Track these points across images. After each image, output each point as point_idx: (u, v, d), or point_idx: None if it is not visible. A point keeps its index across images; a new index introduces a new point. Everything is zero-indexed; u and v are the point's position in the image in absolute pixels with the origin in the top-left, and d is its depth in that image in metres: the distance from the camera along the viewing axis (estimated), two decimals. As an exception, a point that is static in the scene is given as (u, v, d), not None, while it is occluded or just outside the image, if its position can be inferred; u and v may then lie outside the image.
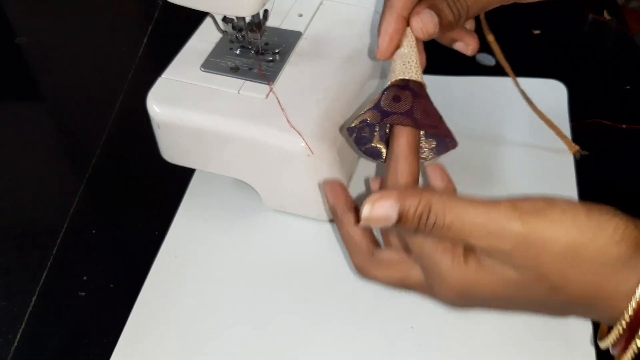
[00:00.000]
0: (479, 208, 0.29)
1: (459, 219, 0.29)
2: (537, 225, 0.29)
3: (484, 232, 0.29)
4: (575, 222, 0.28)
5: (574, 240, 0.28)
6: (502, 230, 0.29)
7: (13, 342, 0.46)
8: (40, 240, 0.53)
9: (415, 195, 0.30)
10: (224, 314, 0.47)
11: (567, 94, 0.61)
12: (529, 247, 0.29)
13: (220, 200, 0.54)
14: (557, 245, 0.28)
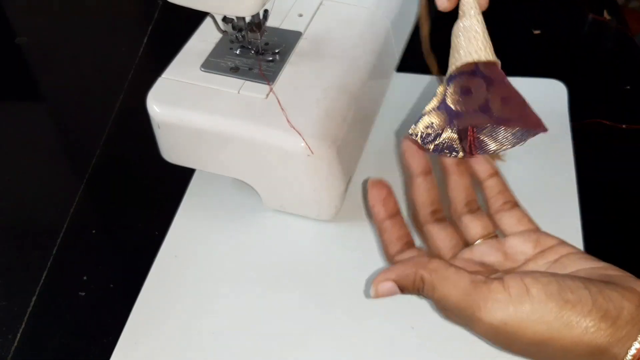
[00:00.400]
0: (460, 288, 0.31)
1: (445, 296, 0.32)
2: (506, 318, 0.30)
3: (466, 311, 0.31)
4: (544, 318, 0.29)
5: (542, 335, 0.30)
6: (477, 314, 0.31)
7: (13, 342, 0.46)
8: (41, 240, 0.53)
9: (409, 274, 0.33)
10: (223, 313, 0.47)
11: (567, 93, 0.61)
12: (499, 335, 0.31)
13: (220, 200, 0.54)
14: (524, 338, 0.30)
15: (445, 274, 0.32)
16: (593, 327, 0.29)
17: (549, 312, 0.29)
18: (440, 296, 0.32)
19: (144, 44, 0.72)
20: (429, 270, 0.32)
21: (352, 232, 0.51)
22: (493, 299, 0.30)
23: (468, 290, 0.31)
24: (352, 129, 0.51)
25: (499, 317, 0.30)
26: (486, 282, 0.31)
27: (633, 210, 0.53)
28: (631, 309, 0.29)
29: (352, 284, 0.48)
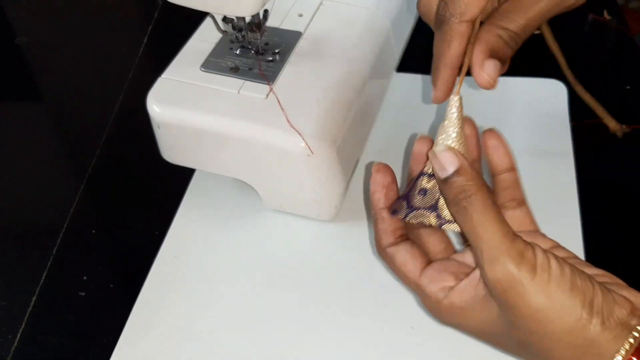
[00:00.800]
0: (500, 230, 0.31)
1: (482, 225, 0.31)
2: (523, 279, 0.30)
3: (487, 250, 0.31)
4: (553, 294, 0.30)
5: (544, 310, 0.30)
6: (497, 260, 0.31)
7: (13, 342, 0.46)
8: (41, 240, 0.53)
9: (474, 175, 0.33)
10: (223, 313, 0.47)
11: (568, 93, 0.62)
12: (507, 291, 0.31)
13: (220, 200, 0.54)
14: (528, 306, 0.30)
15: (493, 209, 0.31)
16: (586, 319, 0.29)
17: (558, 289, 0.30)
18: (477, 222, 0.31)
19: (144, 44, 0.72)
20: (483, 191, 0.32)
21: (352, 232, 0.51)
22: (522, 255, 0.30)
23: (506, 235, 0.31)
24: (352, 129, 0.51)
25: (520, 273, 0.30)
26: (519, 240, 0.31)
27: (633, 210, 0.53)
28: (622, 314, 0.30)
29: (352, 284, 0.48)
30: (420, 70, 0.64)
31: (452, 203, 0.33)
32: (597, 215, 0.52)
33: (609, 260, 0.49)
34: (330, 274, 0.49)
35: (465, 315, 0.34)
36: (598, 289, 0.30)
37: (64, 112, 0.66)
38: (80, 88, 0.68)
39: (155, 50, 0.71)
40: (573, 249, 0.48)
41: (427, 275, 0.36)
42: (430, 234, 0.38)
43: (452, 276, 0.35)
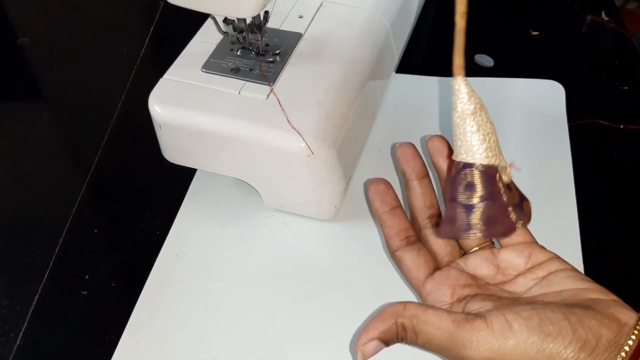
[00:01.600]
0: (443, 329, 0.32)
1: (429, 340, 0.33)
2: (494, 353, 0.31)
3: (448, 353, 0.32)
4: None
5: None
6: (464, 358, 0.32)
7: (15, 341, 0.47)
8: (43, 240, 0.53)
9: (390, 328, 0.33)
10: (224, 312, 0.47)
11: (565, 94, 0.62)
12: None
13: (221, 200, 0.55)
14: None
15: (425, 318, 0.32)
16: (573, 358, 0.30)
17: (532, 346, 0.30)
18: (424, 341, 0.32)
19: (145, 45, 0.72)
20: (408, 318, 0.33)
21: (352, 232, 0.52)
22: (477, 336, 0.31)
23: (451, 330, 0.32)
24: (352, 130, 0.51)
25: (484, 354, 0.31)
26: (468, 320, 0.32)
27: (631, 211, 0.53)
28: (609, 336, 0.30)
29: (352, 284, 0.48)
30: (420, 71, 0.64)
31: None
32: (595, 215, 0.52)
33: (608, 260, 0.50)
34: (330, 274, 0.49)
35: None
36: (577, 323, 0.30)
37: (66, 113, 0.66)
38: (82, 89, 0.68)
39: (156, 51, 0.71)
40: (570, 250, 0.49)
41: (427, 288, 0.37)
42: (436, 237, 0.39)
43: (449, 290, 0.36)
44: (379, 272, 0.49)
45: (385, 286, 0.48)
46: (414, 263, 0.37)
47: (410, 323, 0.32)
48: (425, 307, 0.33)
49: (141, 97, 0.51)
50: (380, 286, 0.48)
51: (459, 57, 0.30)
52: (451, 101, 0.32)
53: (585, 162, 0.56)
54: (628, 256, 0.50)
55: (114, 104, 0.65)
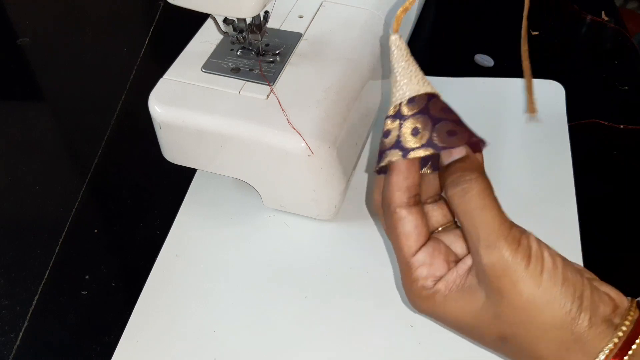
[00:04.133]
0: (498, 215, 0.31)
1: (481, 208, 0.31)
2: (517, 267, 0.30)
3: (486, 234, 0.30)
4: (545, 284, 0.30)
5: (535, 300, 0.30)
6: (495, 244, 0.30)
7: (15, 341, 0.47)
8: (43, 240, 0.53)
9: (478, 162, 0.33)
10: (224, 312, 0.47)
11: (565, 94, 0.62)
12: (501, 277, 0.30)
13: (221, 199, 0.55)
14: (519, 295, 0.30)
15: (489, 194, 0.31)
16: (575, 314, 0.29)
17: (550, 280, 0.30)
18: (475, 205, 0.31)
19: (145, 45, 0.72)
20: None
21: (352, 232, 0.52)
22: (518, 242, 0.30)
23: (503, 221, 0.31)
24: (352, 130, 0.51)
25: (515, 260, 0.30)
26: (516, 228, 0.31)
27: (631, 211, 0.53)
28: (606, 312, 0.30)
29: (352, 284, 0.48)
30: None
31: (451, 185, 0.32)
32: (594, 215, 0.52)
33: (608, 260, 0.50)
34: (330, 274, 0.49)
35: (447, 305, 0.33)
36: (587, 284, 0.30)
37: (66, 113, 0.67)
38: (82, 89, 0.68)
39: (156, 51, 0.71)
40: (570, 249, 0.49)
41: (419, 259, 0.34)
42: (435, 208, 0.37)
43: (444, 264, 0.34)
44: (379, 272, 0.49)
45: (385, 286, 0.48)
46: (417, 230, 0.34)
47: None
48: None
49: (141, 97, 0.51)
50: (380, 286, 0.48)
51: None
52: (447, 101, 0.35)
53: (585, 162, 0.56)
54: (628, 256, 0.50)
55: (114, 104, 0.65)
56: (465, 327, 0.33)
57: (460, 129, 0.33)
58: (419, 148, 0.32)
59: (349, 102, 0.50)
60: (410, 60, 0.35)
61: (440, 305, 0.33)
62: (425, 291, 0.33)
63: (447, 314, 0.33)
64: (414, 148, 0.33)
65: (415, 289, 0.34)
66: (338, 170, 0.49)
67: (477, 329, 0.33)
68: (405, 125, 0.34)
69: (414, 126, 0.33)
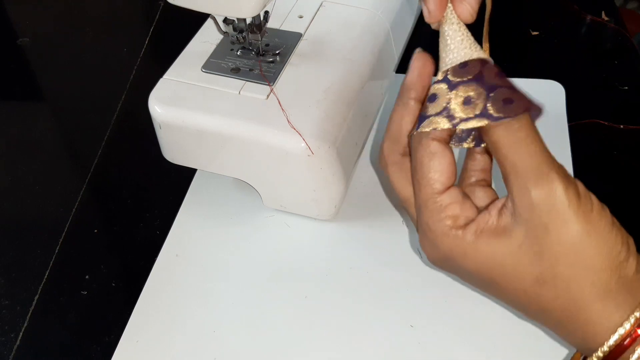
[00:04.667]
0: (547, 153, 0.29)
1: (527, 142, 0.29)
2: (570, 204, 0.28)
3: (535, 168, 0.29)
4: (597, 225, 0.28)
5: (585, 240, 0.28)
6: (547, 178, 0.28)
7: (15, 341, 0.47)
8: (43, 240, 0.53)
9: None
10: (225, 312, 0.47)
11: (565, 94, 0.62)
12: (552, 212, 0.28)
13: (221, 199, 0.55)
14: (569, 233, 0.28)
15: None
16: (624, 258, 0.28)
17: (601, 221, 0.28)
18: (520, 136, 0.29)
19: (145, 45, 0.72)
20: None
21: (352, 232, 0.52)
22: (568, 178, 0.29)
23: (551, 157, 0.29)
24: (352, 130, 0.51)
25: (567, 196, 0.28)
26: (562, 166, 0.29)
27: (631, 211, 0.53)
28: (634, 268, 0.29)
29: (352, 284, 0.48)
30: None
31: (495, 124, 0.30)
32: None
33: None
34: (330, 274, 0.49)
35: (478, 246, 0.30)
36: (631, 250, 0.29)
37: (66, 113, 0.67)
38: (82, 89, 0.68)
39: (156, 51, 0.71)
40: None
41: (452, 195, 0.31)
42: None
43: (474, 208, 0.31)
44: (379, 272, 0.49)
45: (385, 286, 0.48)
46: (449, 166, 0.31)
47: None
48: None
49: (141, 97, 0.51)
50: (380, 286, 0.48)
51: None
52: None
53: (585, 162, 0.56)
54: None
55: (114, 104, 0.65)
56: (496, 270, 0.30)
57: (516, 95, 0.30)
58: (472, 119, 0.30)
59: (349, 102, 0.50)
60: (461, 24, 0.33)
61: (470, 246, 0.30)
62: (454, 231, 0.31)
63: (477, 257, 0.30)
64: (466, 119, 0.30)
65: (442, 228, 0.31)
66: (338, 170, 0.49)
67: (513, 270, 0.30)
68: (456, 93, 0.31)
69: (466, 95, 0.31)
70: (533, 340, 0.44)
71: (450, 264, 0.32)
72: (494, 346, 0.44)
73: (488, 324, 0.45)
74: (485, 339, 0.44)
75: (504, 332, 0.45)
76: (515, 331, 0.44)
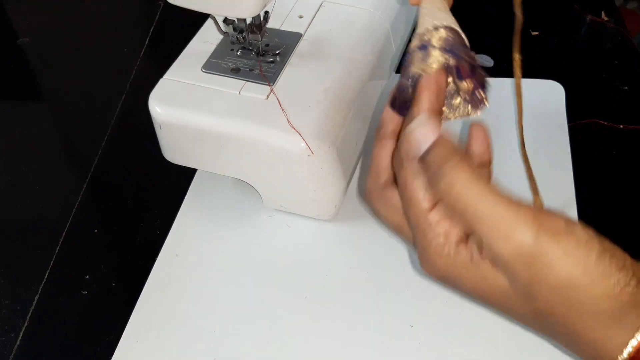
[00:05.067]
0: (499, 199, 0.28)
1: (475, 199, 0.28)
2: (548, 248, 0.27)
3: (493, 226, 0.28)
4: (584, 260, 0.27)
5: (576, 279, 0.27)
6: (511, 233, 0.27)
7: (15, 341, 0.47)
8: (43, 240, 0.53)
9: (453, 146, 0.30)
10: (224, 312, 0.47)
11: (565, 94, 0.62)
12: (531, 264, 0.27)
13: (221, 199, 0.55)
14: (557, 277, 0.27)
15: (484, 182, 0.28)
16: (624, 282, 0.27)
17: (589, 255, 0.27)
18: (468, 197, 0.28)
19: (145, 45, 0.72)
20: (470, 163, 0.29)
21: (352, 232, 0.52)
22: (540, 223, 0.27)
23: (508, 204, 0.28)
24: (352, 130, 0.51)
25: (542, 244, 0.27)
26: (525, 206, 0.28)
27: (631, 211, 0.53)
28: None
29: (352, 284, 0.48)
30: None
31: (433, 181, 0.29)
32: (594, 215, 0.52)
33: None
34: (330, 274, 0.49)
35: (470, 274, 0.30)
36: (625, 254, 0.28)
37: (66, 113, 0.67)
38: (82, 89, 0.68)
39: (156, 51, 0.71)
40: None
41: (439, 212, 0.30)
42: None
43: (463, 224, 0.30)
44: (379, 272, 0.49)
45: (385, 286, 0.48)
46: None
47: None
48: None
49: (141, 97, 0.51)
50: (380, 286, 0.48)
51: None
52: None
53: (585, 162, 0.56)
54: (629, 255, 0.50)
55: (114, 104, 0.65)
56: (489, 300, 0.30)
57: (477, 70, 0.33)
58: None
59: (349, 102, 0.50)
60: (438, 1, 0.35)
61: (463, 272, 0.30)
62: (447, 249, 0.30)
63: (469, 284, 0.30)
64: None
65: (435, 246, 0.30)
66: (338, 170, 0.49)
67: (505, 305, 0.30)
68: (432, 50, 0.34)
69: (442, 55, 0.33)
70: (533, 341, 0.44)
71: (450, 283, 0.32)
72: (493, 346, 0.44)
73: (488, 324, 0.45)
74: (485, 340, 0.44)
75: (504, 333, 0.44)
76: (515, 332, 0.44)
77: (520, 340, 0.44)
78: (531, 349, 0.44)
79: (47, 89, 0.70)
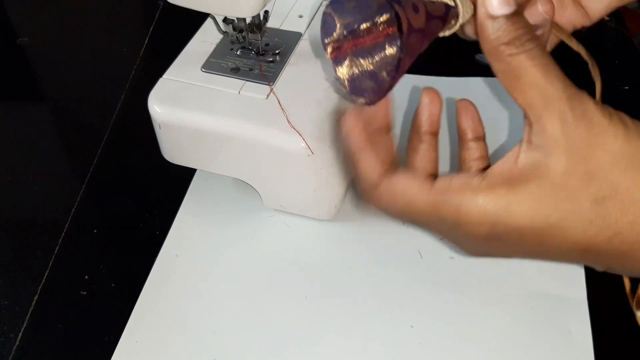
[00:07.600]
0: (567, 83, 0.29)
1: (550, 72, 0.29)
2: (605, 117, 0.29)
3: (559, 90, 0.29)
4: (637, 129, 0.28)
5: (633, 144, 0.28)
6: (579, 99, 0.29)
7: (15, 341, 0.47)
8: (42, 240, 0.53)
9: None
10: (224, 312, 0.47)
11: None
12: (589, 129, 0.28)
13: (221, 200, 0.55)
14: (614, 142, 0.28)
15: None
16: None
17: (634, 122, 0.28)
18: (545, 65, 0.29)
19: (145, 44, 0.72)
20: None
21: (352, 232, 0.52)
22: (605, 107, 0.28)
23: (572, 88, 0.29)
24: (352, 129, 0.51)
25: (596, 106, 0.28)
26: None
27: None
28: None
29: (352, 284, 0.48)
30: (420, 71, 0.64)
31: (509, 45, 0.29)
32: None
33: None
34: (330, 274, 0.49)
35: (519, 197, 0.27)
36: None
37: (65, 113, 0.66)
38: (82, 88, 0.68)
39: (156, 50, 0.71)
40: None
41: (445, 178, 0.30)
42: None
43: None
44: (379, 272, 0.49)
45: (384, 286, 0.48)
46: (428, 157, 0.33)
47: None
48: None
49: (141, 97, 0.51)
50: (379, 286, 0.48)
51: None
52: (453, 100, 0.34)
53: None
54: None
55: (114, 103, 0.65)
56: (550, 208, 0.28)
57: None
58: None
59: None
60: None
61: (510, 198, 0.28)
62: (473, 180, 0.29)
63: (524, 205, 0.28)
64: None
65: (462, 186, 0.29)
66: (338, 170, 0.49)
67: (567, 200, 0.27)
68: None
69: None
70: (533, 341, 0.44)
71: (497, 232, 0.28)
72: (493, 346, 0.44)
73: (488, 324, 0.45)
74: (485, 340, 0.44)
75: (504, 333, 0.44)
76: (515, 331, 0.44)
77: (520, 340, 0.44)
78: (531, 348, 0.44)
79: (47, 88, 0.70)
